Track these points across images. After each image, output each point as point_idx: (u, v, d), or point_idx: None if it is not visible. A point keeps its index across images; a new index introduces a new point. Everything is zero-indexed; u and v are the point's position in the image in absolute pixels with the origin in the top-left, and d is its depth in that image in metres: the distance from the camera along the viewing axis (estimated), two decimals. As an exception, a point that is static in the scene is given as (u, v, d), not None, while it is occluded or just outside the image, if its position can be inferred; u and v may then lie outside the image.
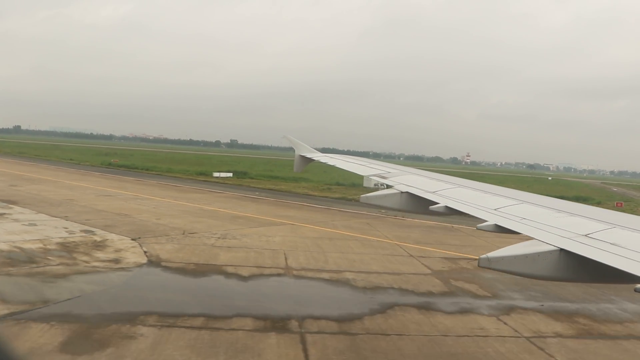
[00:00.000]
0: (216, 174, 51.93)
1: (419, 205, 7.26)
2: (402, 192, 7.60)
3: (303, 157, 13.39)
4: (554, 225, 5.02)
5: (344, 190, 43.22)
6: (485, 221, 5.50)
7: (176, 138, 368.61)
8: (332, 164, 11.86)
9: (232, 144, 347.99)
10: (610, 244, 4.30)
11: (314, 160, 13.15)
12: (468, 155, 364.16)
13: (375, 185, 45.64)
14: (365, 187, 46.59)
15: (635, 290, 3.73)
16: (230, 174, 53.56)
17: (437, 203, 6.63)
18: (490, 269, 4.48)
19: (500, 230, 5.26)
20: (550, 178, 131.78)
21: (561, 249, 4.33)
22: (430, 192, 7.28)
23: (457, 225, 25.27)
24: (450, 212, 6.46)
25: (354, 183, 46.24)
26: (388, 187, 8.28)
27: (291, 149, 13.93)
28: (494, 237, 21.37)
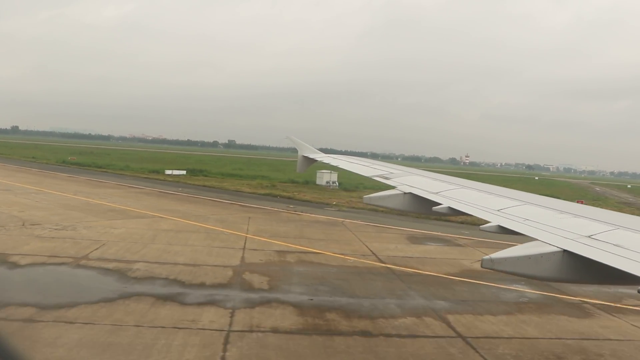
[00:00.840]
0: (168, 172, 52.08)
1: (422, 206, 7.27)
2: (405, 193, 7.61)
3: (306, 157, 13.39)
4: (557, 227, 5.02)
5: (293, 188, 43.53)
6: (489, 222, 5.49)
7: (175, 138, 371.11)
8: (335, 164, 11.87)
9: (230, 144, 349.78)
10: (614, 245, 4.29)
11: (317, 161, 13.15)
12: (467, 156, 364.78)
13: (327, 183, 46.68)
14: (317, 185, 47.26)
15: (639, 291, 3.72)
16: (184, 172, 53.56)
17: (440, 204, 6.65)
18: (493, 270, 4.47)
19: (504, 231, 5.25)
20: (537, 178, 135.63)
21: (564, 250, 4.31)
22: (433, 193, 7.28)
23: (350, 221, 25.93)
24: (454, 213, 6.47)
25: (308, 180, 48.01)
26: (392, 186, 8.26)
27: (289, 149, 13.96)
28: (371, 233, 22.74)
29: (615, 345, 10.50)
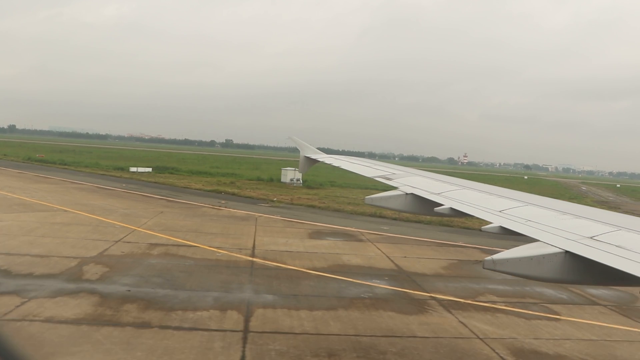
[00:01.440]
0: (133, 169, 52.58)
1: (424, 206, 7.27)
2: (407, 194, 7.61)
3: (308, 158, 13.40)
4: (559, 228, 5.01)
5: (251, 186, 44.50)
6: (491, 223, 5.49)
7: (172, 138, 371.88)
8: (337, 165, 11.87)
9: (227, 144, 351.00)
10: (616, 246, 4.28)
11: (319, 161, 13.15)
12: (465, 156, 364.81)
13: (290, 180, 47.15)
14: (282, 182, 47.52)
15: None
16: (149, 169, 54.11)
17: (442, 205, 6.65)
18: (495, 270, 4.47)
19: (506, 232, 5.25)
20: (525, 177, 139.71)
21: (566, 251, 4.31)
22: (435, 194, 7.28)
23: (267, 216, 26.78)
24: (455, 214, 6.47)
25: (272, 178, 49.80)
26: (393, 187, 8.26)
27: (286, 149, 14.01)
28: (275, 228, 23.00)
29: (413, 343, 10.42)
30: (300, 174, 48.07)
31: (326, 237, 21.90)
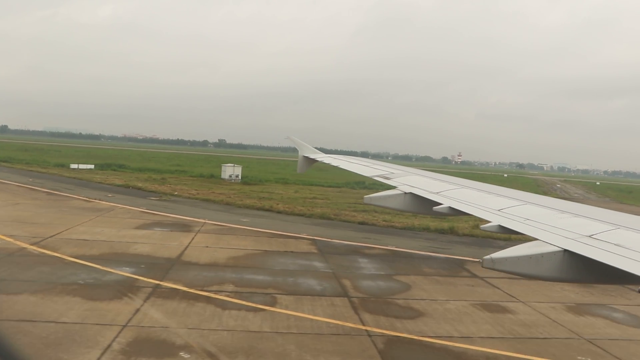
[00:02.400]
0: (74, 166, 52.11)
1: (423, 206, 7.28)
2: (405, 193, 7.62)
3: (306, 157, 13.42)
4: (558, 226, 5.02)
5: (178, 181, 44.45)
6: (489, 222, 5.49)
7: (166, 138, 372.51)
8: (335, 164, 11.89)
9: (220, 144, 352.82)
10: (615, 244, 4.28)
11: (317, 161, 13.17)
12: (459, 155, 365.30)
13: (229, 176, 47.81)
14: (222, 179, 48.03)
15: (639, 291, 3.72)
16: (92, 166, 53.75)
17: (441, 204, 6.65)
18: (494, 269, 4.47)
19: (504, 231, 5.25)
20: (505, 175, 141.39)
21: (565, 250, 4.31)
22: (433, 193, 7.29)
23: (130, 207, 26.48)
24: (454, 213, 6.47)
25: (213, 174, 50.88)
26: (392, 186, 8.27)
27: (280, 148, 13.96)
28: (113, 219, 22.76)
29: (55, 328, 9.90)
30: (240, 171, 49.86)
31: (154, 228, 21.36)
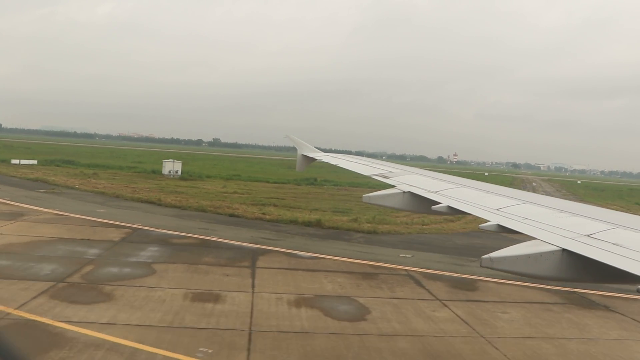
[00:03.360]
0: (15, 161, 51.93)
1: (422, 205, 7.27)
2: (404, 192, 7.61)
3: (305, 156, 13.41)
4: (557, 226, 5.01)
5: (113, 176, 44.67)
6: (488, 221, 5.49)
7: (162, 137, 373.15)
8: (334, 163, 11.88)
9: (215, 143, 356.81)
10: (613, 244, 4.28)
11: (316, 159, 13.16)
12: (455, 155, 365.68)
13: (169, 172, 48.21)
14: (163, 175, 48.58)
15: (638, 290, 3.72)
16: (35, 162, 53.54)
17: (440, 203, 6.64)
18: (492, 269, 4.46)
19: (503, 230, 5.24)
20: (486, 174, 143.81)
21: (564, 249, 4.30)
22: (432, 192, 7.28)
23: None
24: (453, 212, 6.46)
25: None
26: (391, 185, 8.26)
27: (275, 147, 13.92)
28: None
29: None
30: (179, 167, 50.01)
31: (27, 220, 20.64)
